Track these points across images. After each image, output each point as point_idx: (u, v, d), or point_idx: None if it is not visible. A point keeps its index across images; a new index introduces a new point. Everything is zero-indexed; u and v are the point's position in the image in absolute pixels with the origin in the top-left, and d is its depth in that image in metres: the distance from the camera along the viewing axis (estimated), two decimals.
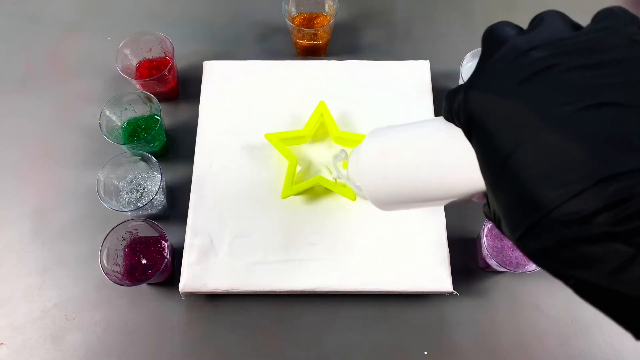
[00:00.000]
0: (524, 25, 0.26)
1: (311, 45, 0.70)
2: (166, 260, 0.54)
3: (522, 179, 0.21)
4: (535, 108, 0.21)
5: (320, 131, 0.63)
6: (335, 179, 0.50)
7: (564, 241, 0.20)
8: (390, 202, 0.34)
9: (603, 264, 0.19)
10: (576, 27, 0.24)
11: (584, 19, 0.25)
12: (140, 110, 0.64)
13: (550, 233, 0.20)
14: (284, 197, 0.57)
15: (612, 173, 0.19)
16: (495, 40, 0.26)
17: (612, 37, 0.22)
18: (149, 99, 0.62)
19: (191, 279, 0.55)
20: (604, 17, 0.24)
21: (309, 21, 0.71)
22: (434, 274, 0.55)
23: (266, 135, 0.60)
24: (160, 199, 0.58)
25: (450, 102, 0.26)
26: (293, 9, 0.71)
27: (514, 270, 0.53)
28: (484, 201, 0.28)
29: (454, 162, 0.28)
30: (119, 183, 0.60)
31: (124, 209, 0.58)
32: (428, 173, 0.30)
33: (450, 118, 0.28)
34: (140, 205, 0.58)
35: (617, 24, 0.23)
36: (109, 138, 0.59)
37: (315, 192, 0.59)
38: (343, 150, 0.45)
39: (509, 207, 0.23)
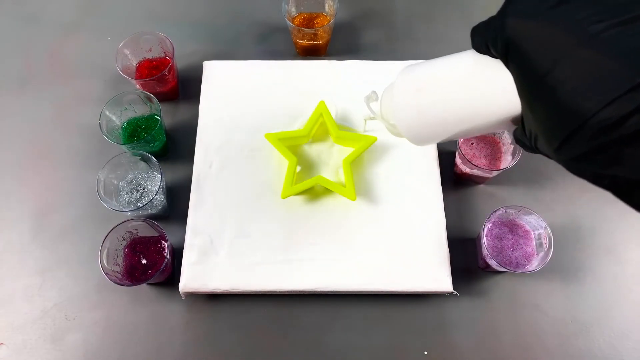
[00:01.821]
0: None
1: (311, 45, 0.70)
2: (166, 260, 0.54)
3: (560, 92, 0.23)
4: (571, 27, 0.23)
5: (320, 131, 0.63)
6: (366, 121, 0.51)
7: (600, 145, 0.22)
8: (427, 136, 0.35)
9: (636, 159, 0.21)
10: None
11: None
12: (140, 110, 0.64)
13: (587, 139, 0.22)
14: (284, 197, 0.57)
15: None
16: None
17: None
18: (149, 99, 0.62)
19: (191, 279, 0.55)
20: None
21: (309, 21, 0.71)
22: (434, 274, 0.55)
23: (266, 135, 0.60)
24: (160, 199, 0.58)
25: (484, 33, 0.28)
26: (293, 9, 0.71)
27: (514, 270, 0.53)
28: (515, 127, 0.30)
29: (489, 90, 0.29)
30: (119, 183, 0.60)
31: (124, 209, 0.58)
32: (464, 103, 0.31)
33: (483, 49, 0.29)
34: (140, 205, 0.58)
35: None
36: (109, 138, 0.59)
37: (315, 192, 0.59)
38: (374, 91, 0.46)
39: (547, 120, 0.25)
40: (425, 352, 0.55)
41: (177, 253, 0.59)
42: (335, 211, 0.58)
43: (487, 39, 0.28)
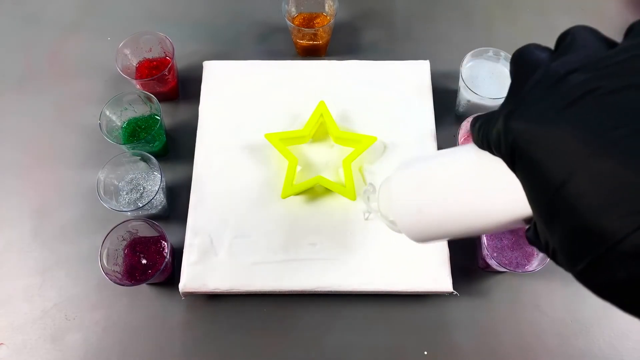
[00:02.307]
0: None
1: (311, 45, 0.70)
2: (166, 260, 0.54)
3: (579, 209, 0.20)
4: (584, 134, 0.20)
5: (320, 131, 0.63)
6: (367, 217, 0.45)
7: (634, 274, 0.19)
8: (427, 235, 0.33)
9: None
10: (610, 43, 0.23)
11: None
12: (140, 110, 0.64)
13: (619, 266, 0.19)
14: (284, 197, 0.57)
15: None
16: (527, 64, 0.25)
17: None
18: (149, 99, 0.62)
19: (191, 279, 0.55)
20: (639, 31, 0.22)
21: (309, 21, 0.71)
22: (434, 274, 0.55)
23: (266, 135, 0.60)
24: (160, 199, 0.58)
25: (485, 132, 0.25)
26: (293, 9, 0.71)
27: (514, 270, 0.53)
28: (527, 226, 0.26)
29: (495, 191, 0.27)
30: (119, 183, 0.60)
31: (124, 209, 0.58)
32: (468, 204, 0.29)
33: (485, 147, 0.26)
34: (140, 205, 0.58)
35: None
36: (109, 138, 0.59)
37: (315, 192, 0.59)
38: (371, 184, 0.43)
39: (566, 239, 0.21)
40: (425, 352, 0.55)
41: (177, 253, 0.59)
42: (335, 211, 0.58)
43: (490, 139, 0.25)
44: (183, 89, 0.70)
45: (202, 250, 0.56)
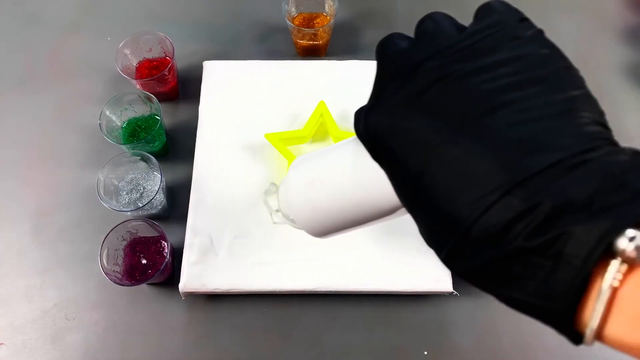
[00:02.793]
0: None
1: (311, 45, 0.70)
2: (166, 260, 0.54)
3: (436, 198, 0.20)
4: (434, 124, 0.20)
5: (320, 131, 0.63)
6: (274, 220, 0.44)
7: (487, 259, 0.19)
8: (325, 229, 0.34)
9: (527, 280, 0.18)
10: (461, 28, 0.24)
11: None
12: (140, 110, 0.64)
13: (473, 252, 0.19)
14: None
15: (518, 180, 0.18)
16: (388, 55, 0.25)
17: (496, 36, 0.21)
18: (149, 99, 0.62)
19: (191, 279, 0.55)
20: (485, 14, 0.23)
21: (309, 21, 0.71)
22: (434, 274, 0.55)
23: (266, 135, 0.60)
24: (160, 199, 0.58)
25: (355, 126, 0.25)
26: (293, 9, 0.71)
27: None
28: None
29: (374, 179, 0.27)
30: (119, 183, 0.60)
31: (124, 209, 0.58)
32: (353, 194, 0.29)
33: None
34: (140, 205, 0.58)
35: (499, 21, 0.22)
36: (109, 138, 0.59)
37: None
38: (273, 184, 0.43)
39: (429, 228, 0.22)
40: (425, 352, 0.55)
41: (177, 253, 0.59)
42: None
43: (358, 134, 0.25)
44: (183, 89, 0.70)
45: (202, 250, 0.56)
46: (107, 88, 0.71)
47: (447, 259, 0.21)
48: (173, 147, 0.67)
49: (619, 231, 0.17)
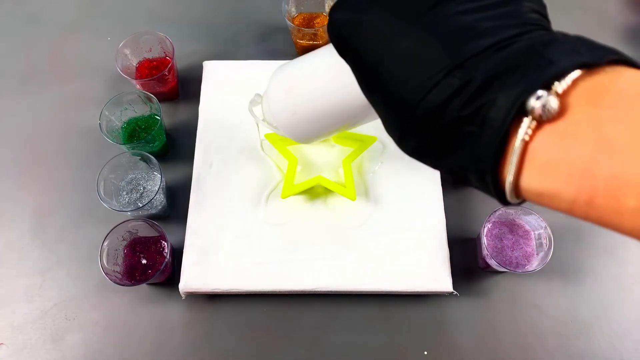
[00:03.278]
0: None
1: (311, 45, 0.70)
2: (166, 260, 0.54)
3: (389, 85, 0.23)
4: (390, 18, 0.23)
5: None
6: (258, 125, 0.48)
7: (431, 134, 0.21)
8: (307, 134, 0.36)
9: (462, 147, 0.21)
10: None
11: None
12: (140, 110, 0.64)
13: (419, 128, 0.22)
14: (284, 197, 0.57)
15: (458, 62, 0.20)
16: None
17: None
18: (149, 99, 0.62)
19: (191, 278, 0.55)
20: None
21: (309, 21, 0.71)
22: (434, 274, 0.55)
23: (266, 135, 0.60)
24: (160, 199, 0.58)
25: (328, 26, 0.28)
26: (293, 9, 0.71)
27: (514, 270, 0.53)
28: None
29: (347, 80, 0.29)
30: (119, 183, 0.60)
31: (124, 209, 0.58)
32: (329, 96, 0.32)
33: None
34: (140, 205, 0.58)
35: None
36: (109, 138, 0.59)
37: (315, 192, 0.59)
38: (258, 94, 0.45)
39: (384, 114, 0.24)
40: (425, 352, 0.55)
41: (177, 253, 0.59)
42: (335, 211, 0.58)
43: (328, 32, 0.28)
44: (183, 89, 0.70)
45: (202, 250, 0.56)
46: (107, 88, 0.71)
47: (400, 141, 0.24)
48: (173, 147, 0.67)
49: (531, 93, 0.19)
